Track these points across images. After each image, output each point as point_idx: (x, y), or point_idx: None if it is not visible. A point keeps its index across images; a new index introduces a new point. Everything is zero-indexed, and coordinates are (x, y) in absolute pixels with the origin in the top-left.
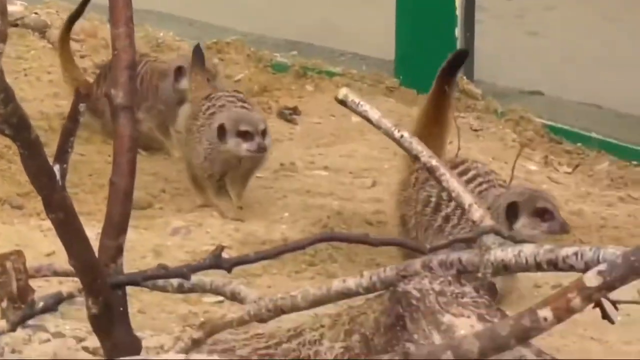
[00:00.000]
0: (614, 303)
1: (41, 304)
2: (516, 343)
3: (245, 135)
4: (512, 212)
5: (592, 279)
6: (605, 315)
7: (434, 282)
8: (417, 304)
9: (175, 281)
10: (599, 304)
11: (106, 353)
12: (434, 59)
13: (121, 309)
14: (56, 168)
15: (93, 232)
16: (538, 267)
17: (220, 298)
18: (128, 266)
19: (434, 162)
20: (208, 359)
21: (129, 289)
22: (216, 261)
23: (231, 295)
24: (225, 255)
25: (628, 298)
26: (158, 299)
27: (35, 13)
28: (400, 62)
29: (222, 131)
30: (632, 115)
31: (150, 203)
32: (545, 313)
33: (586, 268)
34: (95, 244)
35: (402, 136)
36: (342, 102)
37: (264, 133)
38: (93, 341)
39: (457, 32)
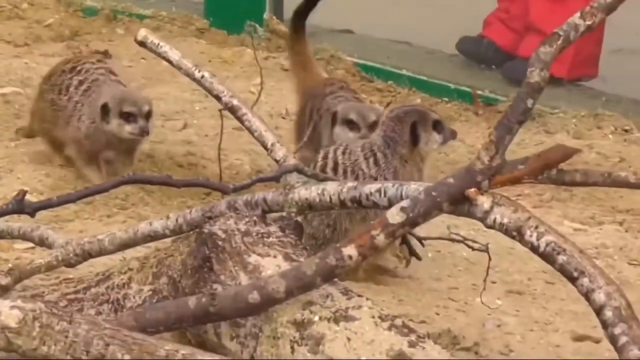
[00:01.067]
0: (420, 239)
1: None
2: (322, 282)
3: (128, 117)
4: (413, 133)
5: (395, 215)
6: (412, 252)
7: (240, 222)
8: (223, 244)
9: None
10: (404, 241)
11: None
12: (242, 0)
13: None
14: None
15: None
16: (342, 204)
17: (33, 244)
18: None
19: (235, 102)
20: (12, 304)
21: None
22: (19, 206)
23: (39, 241)
24: (35, 200)
25: (439, 235)
26: None
27: None
28: (209, 3)
29: (105, 111)
30: (442, 52)
31: None
32: (350, 251)
33: (390, 205)
34: None
35: (202, 76)
36: (142, 44)
37: (148, 115)
38: None
39: None
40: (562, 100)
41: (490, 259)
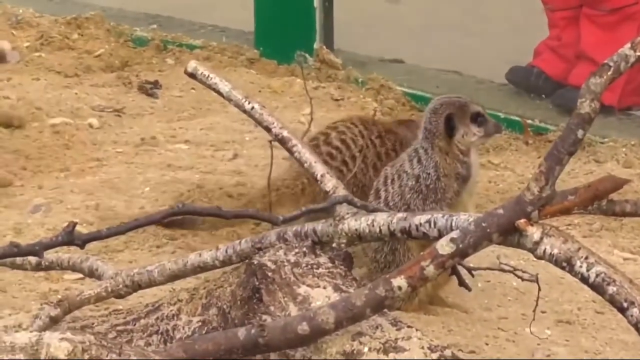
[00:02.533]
0: (470, 270)
1: None
2: (372, 313)
3: None
4: (448, 125)
5: (444, 246)
6: (461, 283)
7: (289, 253)
8: (272, 275)
9: (33, 259)
10: (454, 271)
11: None
12: (293, 29)
13: None
14: None
15: None
16: (392, 235)
17: (82, 275)
18: None
19: (285, 133)
20: (61, 336)
21: None
22: (69, 237)
23: (89, 272)
24: (84, 231)
25: (488, 264)
26: (18, 277)
27: None
28: (259, 33)
29: None
30: (492, 82)
31: (11, 181)
32: (399, 282)
33: (439, 235)
34: None
35: (252, 108)
36: (192, 75)
37: None
38: None
39: (316, 1)
40: (612, 129)
41: (539, 288)
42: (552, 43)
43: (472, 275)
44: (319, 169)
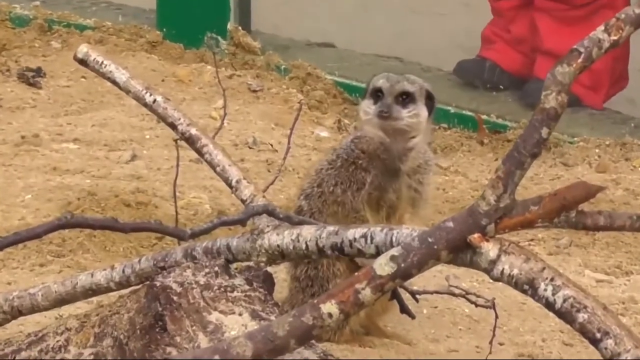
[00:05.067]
0: (414, 294)
1: None
2: (297, 344)
3: None
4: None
5: (383, 265)
6: (403, 309)
7: (198, 274)
8: (178, 300)
9: None
10: (395, 295)
11: None
12: (202, 7)
13: None
14: None
15: None
16: (320, 252)
17: None
18: None
19: (193, 131)
20: None
21: None
22: None
23: None
24: None
25: (436, 287)
26: None
27: None
28: (162, 11)
29: None
30: (439, 70)
31: None
32: (330, 308)
33: (378, 253)
34: None
35: (154, 101)
36: (83, 62)
37: None
38: None
39: None
40: (582, 126)
41: (497, 316)
42: (502, 34)
43: (417, 301)
44: (234, 173)
